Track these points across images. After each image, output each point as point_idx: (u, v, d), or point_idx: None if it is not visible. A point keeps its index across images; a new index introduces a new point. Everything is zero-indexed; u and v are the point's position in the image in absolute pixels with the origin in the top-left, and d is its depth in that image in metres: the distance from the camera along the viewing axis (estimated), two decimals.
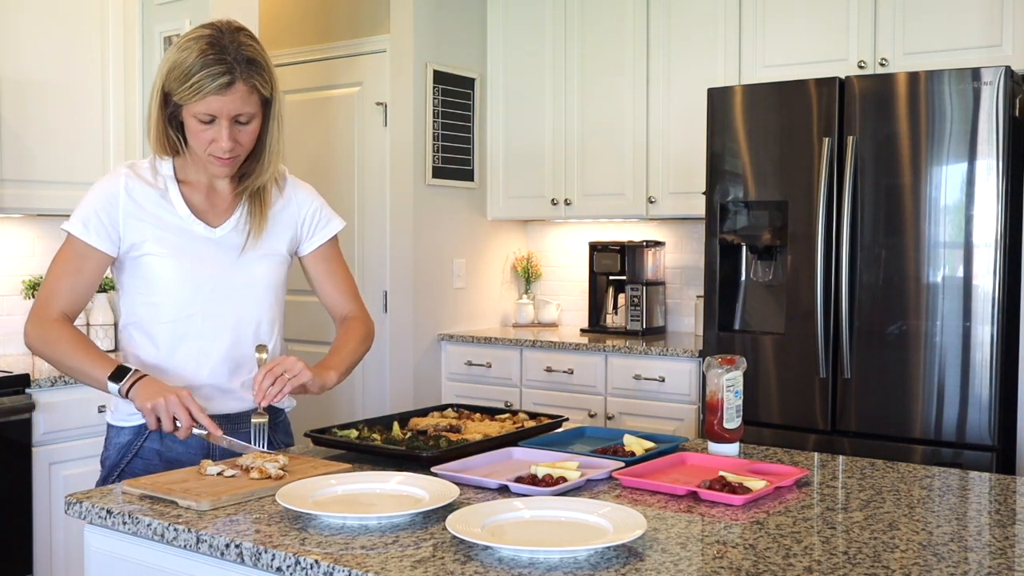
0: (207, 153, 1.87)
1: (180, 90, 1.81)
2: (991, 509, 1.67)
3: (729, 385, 1.99)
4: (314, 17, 4.90)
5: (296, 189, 2.09)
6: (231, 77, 1.79)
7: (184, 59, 1.80)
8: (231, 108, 1.82)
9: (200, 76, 1.78)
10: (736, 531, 1.49)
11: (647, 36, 4.26)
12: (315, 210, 2.10)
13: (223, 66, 1.79)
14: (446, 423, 2.11)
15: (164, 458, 1.95)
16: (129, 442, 1.97)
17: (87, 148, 3.65)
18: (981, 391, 3.08)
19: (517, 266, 4.95)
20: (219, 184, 1.98)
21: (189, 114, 1.83)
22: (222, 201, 1.98)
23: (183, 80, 1.80)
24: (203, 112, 1.82)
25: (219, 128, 1.83)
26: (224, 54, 1.79)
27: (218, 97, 1.80)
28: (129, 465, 1.96)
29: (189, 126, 1.85)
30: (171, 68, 1.82)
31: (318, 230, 2.10)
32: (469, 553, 1.35)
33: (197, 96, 1.80)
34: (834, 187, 3.31)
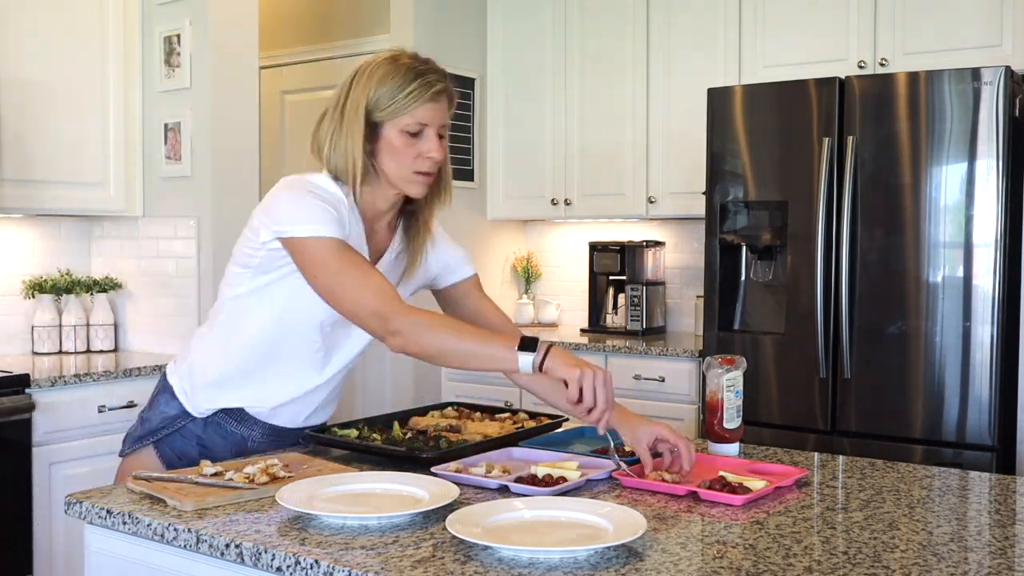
0: (411, 171, 1.83)
1: (392, 101, 1.79)
2: (991, 509, 1.67)
3: (729, 385, 1.99)
4: (314, 17, 4.90)
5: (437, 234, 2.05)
6: (444, 84, 1.83)
7: (394, 73, 1.80)
8: (440, 117, 1.84)
9: (418, 83, 1.79)
10: (736, 531, 1.49)
11: (647, 36, 4.26)
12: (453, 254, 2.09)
13: (436, 74, 1.83)
14: (446, 423, 2.11)
15: (202, 443, 1.95)
16: (175, 416, 1.96)
17: (87, 148, 3.65)
18: (981, 391, 3.08)
19: (517, 266, 4.95)
20: (379, 224, 1.92)
21: (394, 129, 1.81)
22: (379, 236, 1.94)
23: (397, 90, 1.79)
24: (414, 123, 1.81)
25: (429, 139, 1.82)
26: (429, 65, 1.84)
27: (432, 105, 1.81)
28: (168, 437, 1.95)
29: (392, 144, 1.82)
30: (380, 81, 1.80)
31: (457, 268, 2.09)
32: (469, 553, 1.35)
33: (414, 105, 1.79)
34: (834, 187, 3.31)
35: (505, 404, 4.12)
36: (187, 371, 1.97)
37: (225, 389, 1.94)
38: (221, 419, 1.96)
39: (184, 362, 2.00)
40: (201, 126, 3.65)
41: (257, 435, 1.98)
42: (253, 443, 1.99)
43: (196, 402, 1.95)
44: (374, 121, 1.82)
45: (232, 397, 1.94)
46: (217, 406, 1.95)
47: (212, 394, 1.95)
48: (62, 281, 3.75)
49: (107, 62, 3.70)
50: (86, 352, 3.75)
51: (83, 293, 3.77)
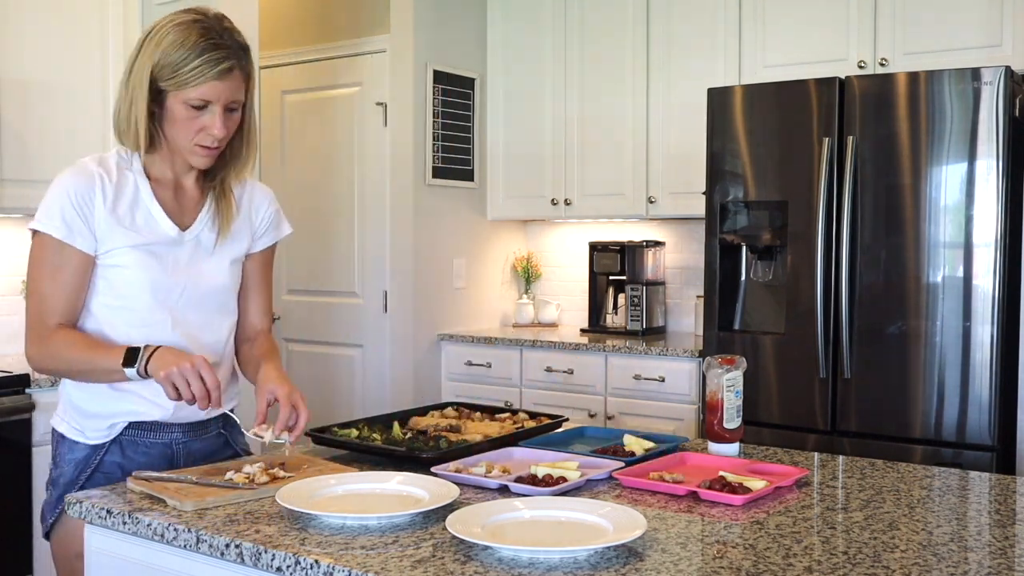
0: (193, 143, 1.81)
1: (175, 75, 1.76)
2: (991, 509, 1.67)
3: (729, 385, 1.99)
4: (314, 17, 4.90)
5: (254, 188, 2.03)
6: (231, 63, 1.77)
7: (180, 43, 1.75)
8: (228, 95, 1.79)
9: (201, 60, 1.75)
10: (736, 531, 1.49)
11: (647, 36, 4.26)
12: (272, 212, 2.04)
13: (223, 51, 1.77)
14: (446, 423, 2.11)
15: (126, 471, 1.85)
16: (87, 456, 1.88)
17: (87, 148, 3.63)
18: (981, 391, 3.08)
19: (517, 266, 4.95)
20: (186, 180, 1.91)
21: (178, 101, 1.78)
22: (189, 199, 1.91)
23: (180, 64, 1.75)
24: (197, 98, 1.77)
25: (212, 115, 1.79)
26: (221, 39, 1.77)
27: (217, 83, 1.77)
28: (89, 480, 1.86)
29: (176, 114, 1.79)
30: (164, 52, 1.76)
31: (269, 231, 2.04)
32: (469, 553, 1.35)
33: (197, 81, 1.75)
34: (834, 187, 3.31)
35: (505, 404, 4.12)
36: (69, 411, 1.91)
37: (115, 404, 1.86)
38: (134, 435, 1.88)
39: (63, 405, 1.94)
40: None
41: (178, 435, 1.91)
42: (178, 445, 1.91)
43: (93, 431, 1.88)
44: (159, 88, 1.79)
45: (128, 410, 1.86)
46: (117, 421, 1.87)
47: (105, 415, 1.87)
48: None
49: (107, 62, 3.70)
50: None
51: None
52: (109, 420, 1.87)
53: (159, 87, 1.79)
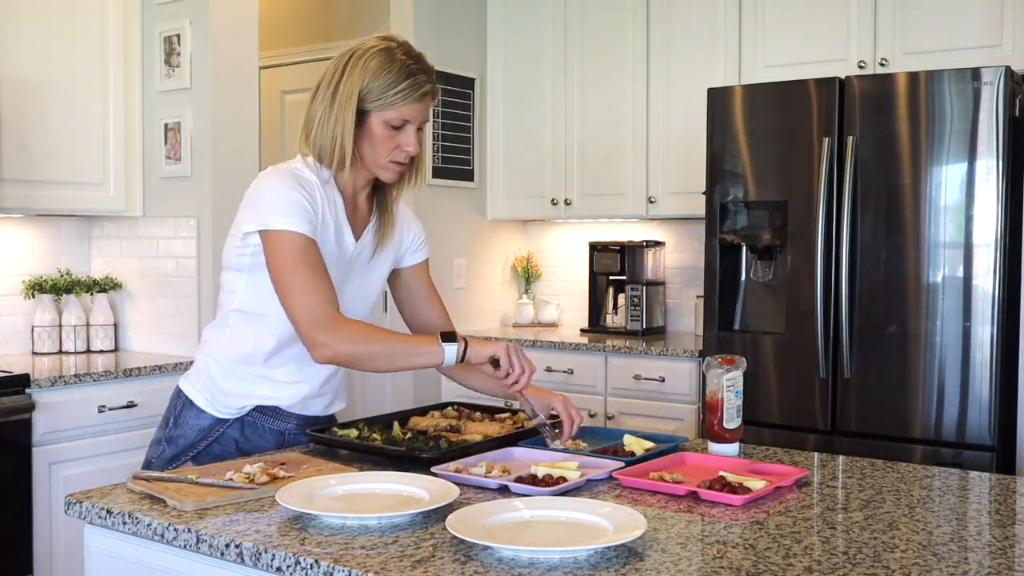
0: (388, 159, 1.93)
1: (382, 96, 1.87)
2: (991, 509, 1.67)
3: (729, 385, 1.99)
4: (314, 17, 4.90)
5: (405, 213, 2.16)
6: (432, 87, 1.92)
7: (388, 68, 1.88)
8: (423, 115, 1.93)
9: (408, 83, 1.88)
10: (736, 531, 1.49)
11: (647, 36, 4.26)
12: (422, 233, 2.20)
13: (426, 75, 1.91)
14: (446, 423, 2.11)
15: (241, 448, 2.01)
16: (211, 426, 2.00)
17: (87, 148, 3.65)
18: (981, 391, 3.08)
19: (517, 266, 4.95)
20: (360, 197, 2.03)
21: (379, 120, 1.89)
22: (360, 215, 2.03)
23: (388, 87, 1.87)
24: (398, 118, 1.89)
25: (408, 134, 1.91)
26: (422, 64, 1.92)
27: (417, 104, 1.91)
28: (208, 448, 2.00)
29: (375, 133, 1.90)
30: (373, 74, 1.87)
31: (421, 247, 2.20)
32: (469, 553, 1.35)
33: (401, 103, 1.88)
34: (834, 187, 3.31)
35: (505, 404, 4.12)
36: (206, 383, 2.02)
37: (250, 390, 2.00)
38: (256, 418, 2.02)
39: (200, 376, 2.04)
40: (201, 126, 3.65)
41: (292, 427, 2.04)
42: (289, 436, 2.05)
43: (225, 407, 2.00)
44: (362, 109, 1.90)
45: (260, 395, 2.00)
46: (248, 403, 2.00)
47: (239, 397, 2.00)
48: (62, 281, 3.75)
49: (107, 62, 3.70)
50: (86, 352, 3.75)
51: (83, 293, 3.77)
52: (241, 400, 2.00)
53: (363, 108, 1.89)
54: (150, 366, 3.41)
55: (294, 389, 2.01)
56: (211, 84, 3.63)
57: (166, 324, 3.75)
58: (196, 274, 3.66)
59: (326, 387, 2.08)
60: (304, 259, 1.84)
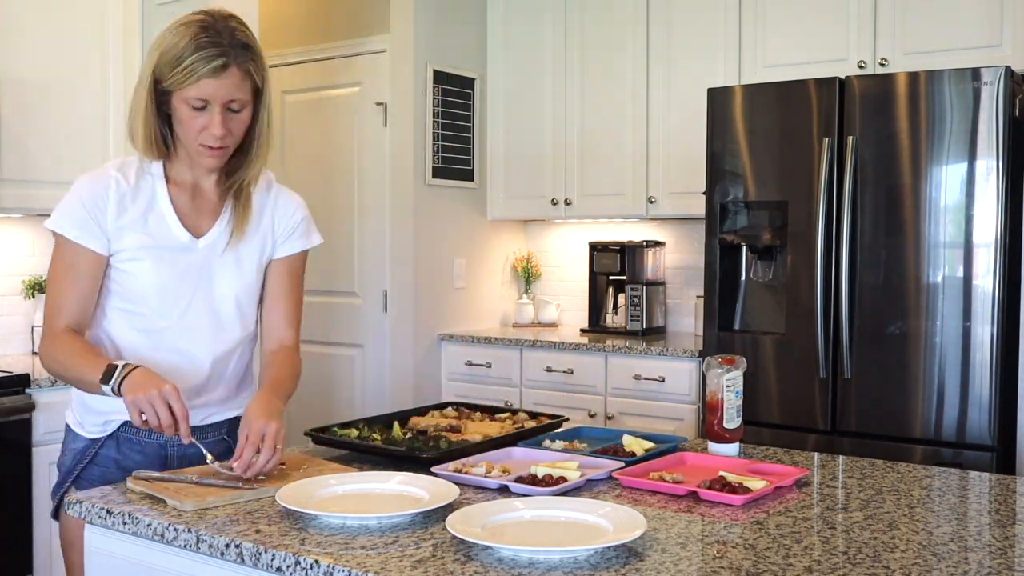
0: (197, 143, 1.81)
1: (172, 73, 1.75)
2: (991, 509, 1.67)
3: (729, 385, 1.99)
4: (314, 17, 4.90)
5: (280, 195, 2.01)
6: (225, 60, 1.75)
7: (176, 42, 1.75)
8: (224, 93, 1.77)
9: (194, 58, 1.73)
10: (736, 531, 1.49)
11: (647, 36, 4.26)
12: (299, 220, 2.01)
13: (217, 48, 1.75)
14: (446, 423, 2.11)
15: (121, 466, 1.90)
16: (84, 448, 1.93)
17: (87, 148, 3.65)
18: (981, 391, 3.08)
19: (517, 266, 4.95)
20: (204, 183, 1.92)
21: (180, 100, 1.77)
22: (207, 203, 1.92)
23: (176, 63, 1.74)
24: (195, 97, 1.76)
25: (211, 114, 1.78)
26: (218, 37, 1.76)
27: (212, 80, 1.75)
28: (85, 471, 1.91)
29: (180, 114, 1.79)
30: (163, 52, 1.76)
31: (293, 238, 2.00)
32: (469, 553, 1.35)
33: (191, 79, 1.74)
34: (834, 187, 3.31)
35: (505, 404, 4.12)
36: (76, 404, 1.96)
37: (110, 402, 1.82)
38: (130, 432, 1.91)
39: (72, 397, 1.98)
40: None
41: (175, 438, 1.84)
42: (172, 447, 1.94)
43: (92, 425, 1.92)
44: (163, 89, 1.79)
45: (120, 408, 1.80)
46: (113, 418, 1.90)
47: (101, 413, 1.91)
48: None
49: (107, 62, 3.70)
50: None
51: None
52: (104, 416, 1.91)
53: (162, 88, 1.79)
54: None
55: None
56: None
57: None
58: None
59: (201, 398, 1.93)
60: (63, 265, 1.84)
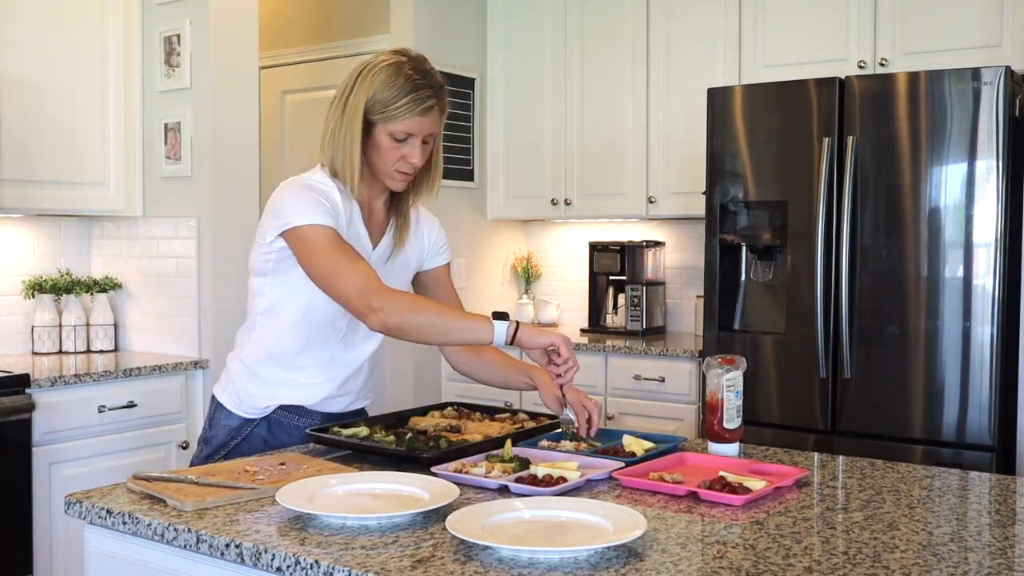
0: (393, 169, 2.00)
1: (386, 110, 1.94)
2: (991, 509, 1.67)
3: (729, 385, 1.99)
4: (314, 17, 4.90)
5: (425, 215, 2.24)
6: (434, 102, 1.97)
7: (393, 82, 1.94)
8: (427, 128, 1.98)
9: (410, 98, 1.93)
10: (736, 531, 1.49)
11: (647, 36, 4.26)
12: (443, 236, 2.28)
13: (430, 91, 1.96)
14: (446, 423, 2.11)
15: (269, 444, 2.09)
16: (240, 426, 2.10)
17: (87, 148, 3.65)
18: (981, 391, 3.08)
19: (517, 266, 4.95)
20: (376, 204, 2.10)
21: (384, 132, 1.96)
22: (376, 221, 2.11)
23: (391, 101, 1.93)
24: (402, 131, 1.96)
25: (412, 146, 1.98)
26: (428, 79, 1.97)
27: (421, 119, 1.96)
28: (237, 447, 2.09)
29: (381, 144, 1.97)
30: (376, 89, 1.94)
31: (443, 251, 2.27)
32: (469, 553, 1.35)
33: (404, 117, 1.94)
34: (834, 187, 3.31)
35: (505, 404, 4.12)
36: (233, 387, 2.12)
37: (274, 390, 2.08)
38: (282, 416, 2.10)
39: (228, 380, 2.14)
40: (201, 126, 3.65)
41: (317, 423, 2.09)
42: None
43: (251, 408, 2.10)
44: (369, 120, 1.97)
45: (283, 395, 2.08)
46: (272, 403, 2.08)
47: (264, 397, 2.09)
48: (62, 281, 3.75)
49: (107, 62, 3.70)
50: (86, 352, 3.75)
51: (83, 293, 3.77)
52: (267, 400, 2.08)
53: (369, 120, 1.97)
54: (150, 366, 3.41)
55: (315, 389, 2.09)
56: (211, 84, 3.63)
57: (166, 324, 3.75)
58: (196, 274, 3.66)
59: (346, 387, 2.14)
60: (336, 246, 1.91)
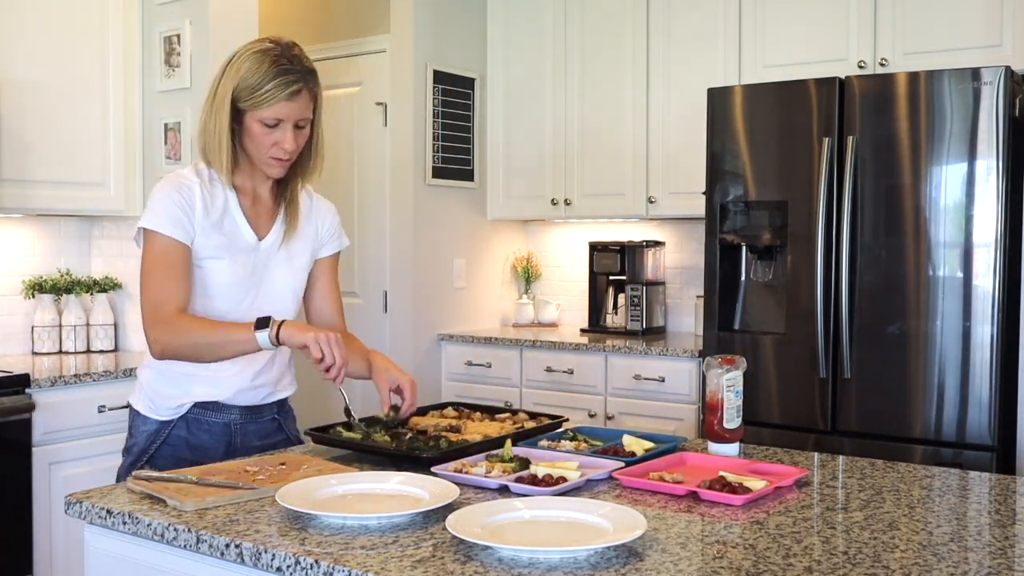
0: (268, 155, 2.01)
1: (251, 96, 1.96)
2: (991, 509, 1.67)
3: (729, 385, 1.99)
4: (314, 17, 4.90)
5: (318, 201, 2.23)
6: (300, 85, 1.98)
7: (256, 68, 1.96)
8: (296, 113, 1.99)
9: (275, 83, 1.95)
10: (736, 531, 1.49)
11: (647, 36, 4.26)
12: (336, 223, 2.25)
13: (294, 75, 1.97)
14: (446, 423, 2.11)
15: (190, 444, 2.08)
16: (157, 430, 2.08)
17: (87, 148, 3.65)
18: (981, 391, 3.08)
19: (517, 266, 4.95)
20: (261, 190, 2.11)
21: (254, 119, 1.98)
22: (264, 209, 2.12)
23: (256, 88, 1.96)
24: (271, 117, 1.97)
25: (284, 132, 1.99)
26: (292, 65, 1.98)
27: (288, 103, 1.97)
28: (158, 451, 2.07)
29: (252, 131, 1.99)
30: (242, 77, 1.96)
31: (332, 240, 2.24)
32: (469, 553, 1.35)
33: (271, 102, 1.96)
34: (834, 187, 3.31)
35: (505, 404, 4.12)
36: (145, 391, 2.12)
37: (185, 388, 2.07)
38: (198, 414, 2.09)
39: (140, 387, 2.14)
40: None
41: (236, 417, 2.10)
42: (236, 426, 2.11)
43: (165, 409, 2.09)
44: (238, 108, 1.99)
45: (197, 392, 2.07)
46: (185, 401, 2.07)
47: (176, 396, 2.08)
48: (62, 281, 3.75)
49: (107, 62, 3.70)
50: (86, 352, 3.75)
51: (83, 293, 3.77)
52: (178, 400, 2.07)
53: (238, 107, 1.99)
54: None
55: (226, 383, 2.08)
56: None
57: None
58: None
59: (261, 378, 2.13)
60: (161, 258, 1.96)
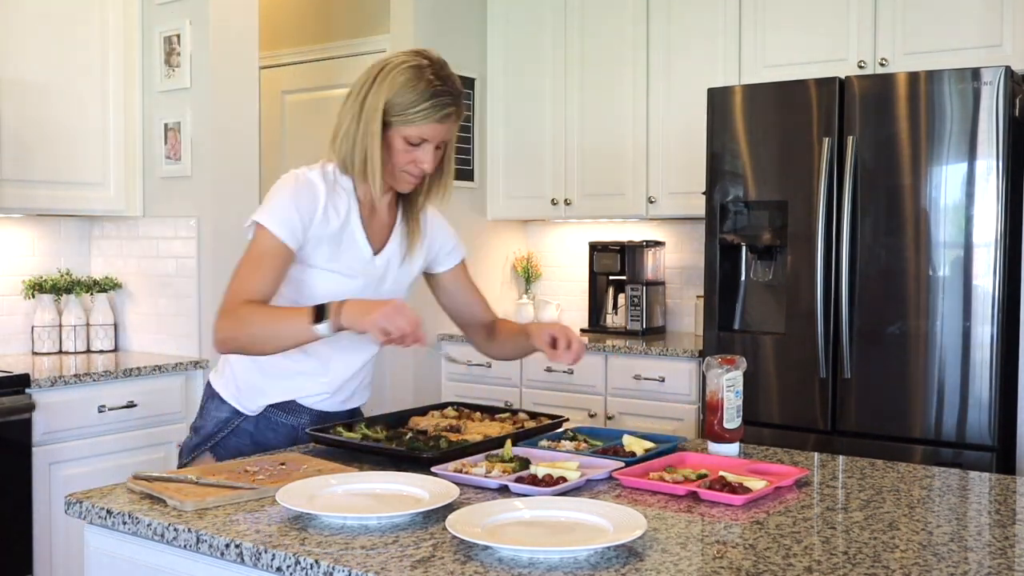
0: (402, 171, 1.97)
1: (403, 114, 1.91)
2: (991, 509, 1.67)
3: (729, 385, 1.99)
4: (314, 17, 4.90)
5: (433, 217, 2.20)
6: (452, 109, 1.95)
7: (413, 85, 1.91)
8: (442, 135, 1.96)
9: (429, 104, 1.91)
10: (736, 531, 1.49)
11: (647, 36, 4.26)
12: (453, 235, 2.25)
13: (450, 97, 1.94)
14: (446, 423, 2.11)
15: (255, 441, 2.07)
16: (228, 418, 2.08)
17: (87, 148, 3.65)
18: (981, 391, 3.08)
19: (517, 266, 4.95)
20: (380, 204, 2.06)
21: (399, 135, 1.93)
22: (380, 221, 2.07)
23: (410, 105, 1.90)
24: (416, 136, 1.93)
25: (425, 151, 1.95)
26: (449, 85, 1.94)
27: (437, 125, 1.94)
28: (223, 440, 2.07)
29: (394, 145, 1.94)
30: (396, 91, 1.91)
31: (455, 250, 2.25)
32: (469, 553, 1.35)
33: (420, 122, 1.91)
34: (834, 187, 3.31)
35: (505, 404, 4.12)
36: (231, 376, 2.09)
37: (269, 386, 2.06)
38: (271, 413, 2.08)
39: (227, 368, 2.11)
40: (201, 126, 3.65)
41: (305, 422, 2.08)
42: (302, 431, 2.08)
43: (245, 402, 2.07)
44: (384, 121, 1.93)
45: (277, 392, 2.06)
46: (266, 402, 2.07)
47: (258, 392, 2.07)
48: (62, 281, 3.75)
49: (107, 62, 3.70)
50: (86, 352, 3.75)
51: (83, 293, 3.77)
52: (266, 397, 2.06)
53: (385, 120, 1.93)
54: (150, 366, 3.41)
55: (315, 385, 2.08)
56: (211, 84, 3.63)
57: (166, 324, 3.75)
58: (196, 274, 3.66)
59: (349, 384, 2.13)
60: (261, 256, 1.91)
